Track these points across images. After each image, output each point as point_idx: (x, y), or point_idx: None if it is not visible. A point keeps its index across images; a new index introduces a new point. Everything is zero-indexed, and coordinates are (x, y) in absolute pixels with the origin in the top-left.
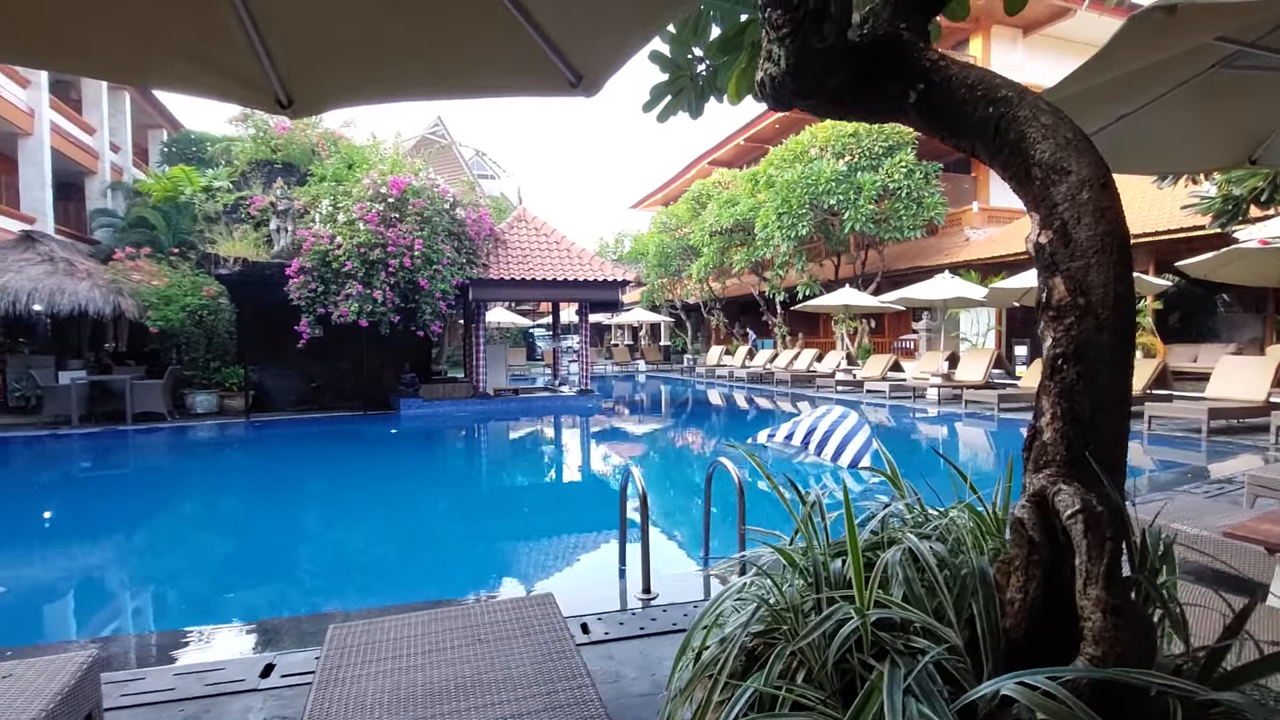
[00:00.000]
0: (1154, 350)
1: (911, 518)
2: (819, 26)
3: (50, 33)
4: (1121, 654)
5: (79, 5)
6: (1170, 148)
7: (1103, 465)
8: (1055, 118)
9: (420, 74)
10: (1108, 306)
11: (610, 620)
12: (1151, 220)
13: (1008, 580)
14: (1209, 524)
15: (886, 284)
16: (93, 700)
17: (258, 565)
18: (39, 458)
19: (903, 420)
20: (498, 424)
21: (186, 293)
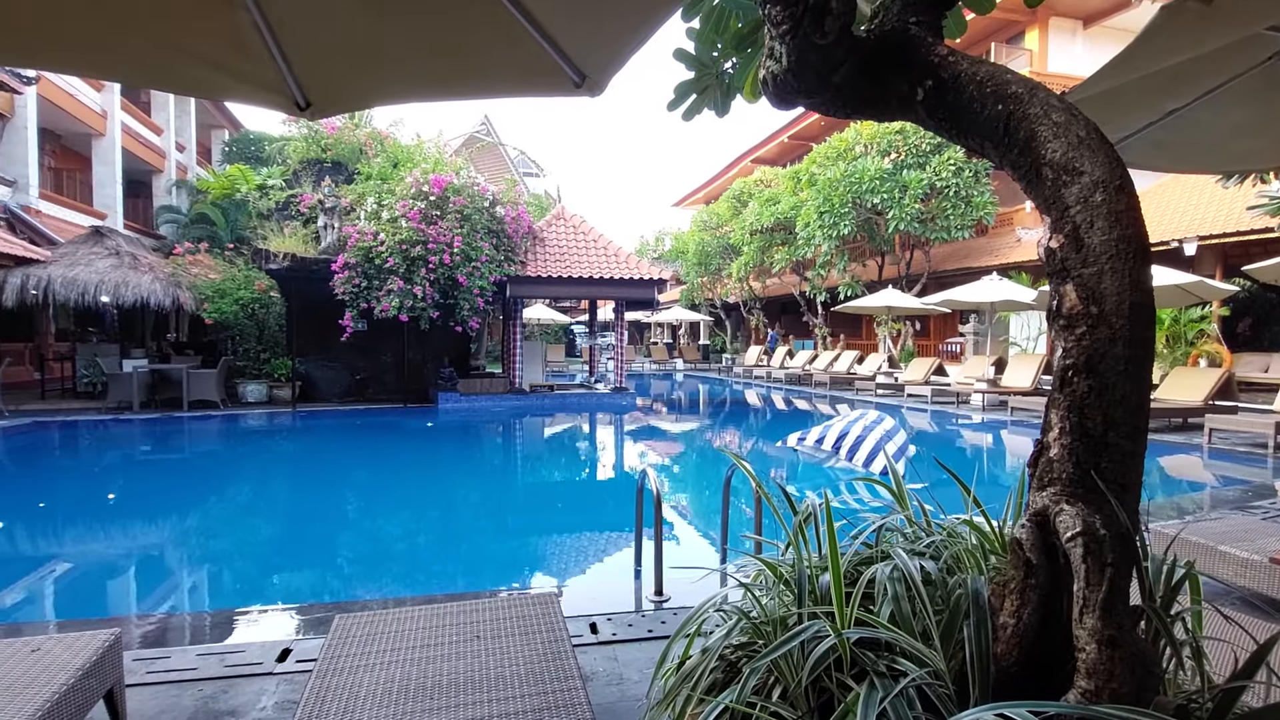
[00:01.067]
0: (1219, 359)
1: (911, 532)
2: (820, 22)
3: (78, 40)
4: (1116, 690)
5: (106, 14)
6: (1228, 144)
7: (1113, 485)
8: (1068, 115)
9: (429, 76)
10: (1122, 316)
11: (619, 621)
12: (1218, 221)
13: (1002, 603)
14: (1261, 547)
15: (933, 285)
16: (114, 676)
17: (291, 550)
18: (103, 440)
19: (944, 426)
20: (532, 420)
21: (240, 286)
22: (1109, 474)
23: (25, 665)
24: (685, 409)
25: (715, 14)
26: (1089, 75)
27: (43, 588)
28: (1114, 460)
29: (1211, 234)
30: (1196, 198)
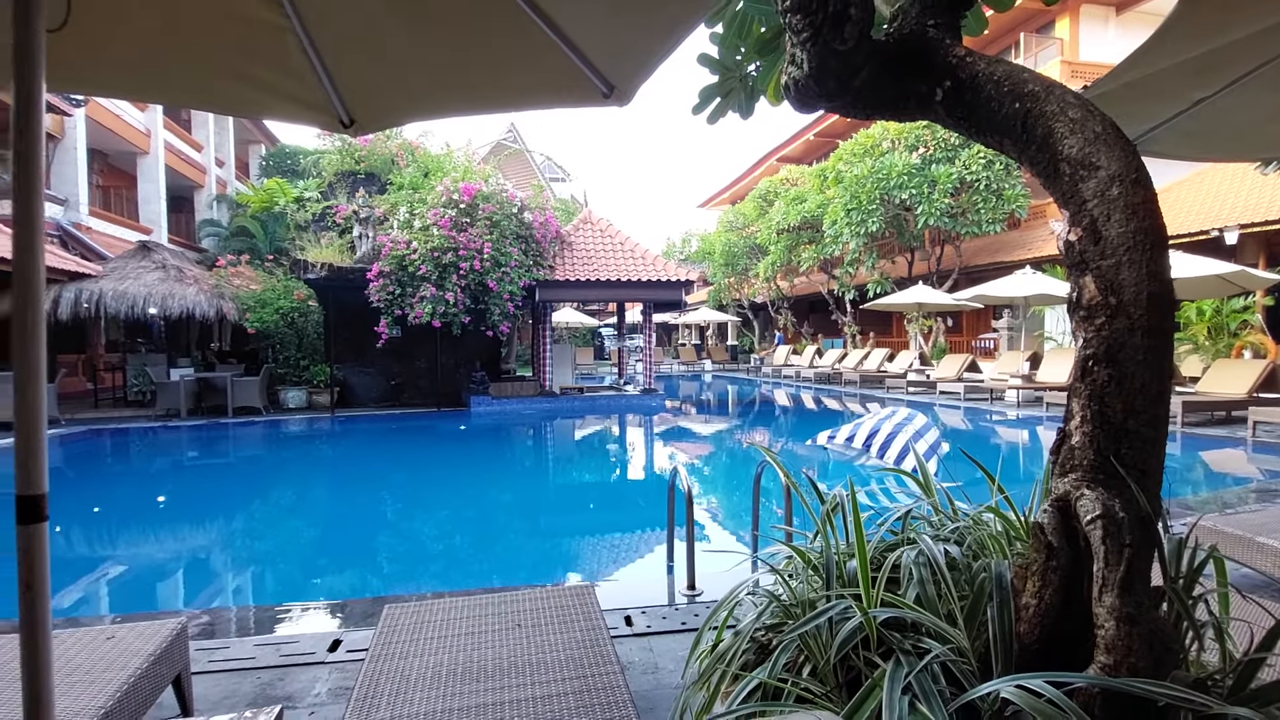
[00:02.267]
0: (1264, 350)
1: (937, 520)
2: (840, 29)
3: (142, 67)
4: (1134, 664)
5: (167, 43)
6: (1261, 131)
7: (1134, 471)
8: (1084, 111)
9: (465, 92)
10: (1140, 306)
11: (654, 614)
12: (1260, 208)
13: (1024, 585)
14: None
15: (964, 280)
16: (181, 663)
17: (335, 548)
18: (155, 446)
19: (978, 423)
20: (562, 422)
21: (280, 296)
22: (1129, 460)
23: (103, 651)
24: (714, 409)
25: (738, 19)
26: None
27: (109, 583)
28: (1134, 447)
29: (1254, 222)
30: (1238, 185)
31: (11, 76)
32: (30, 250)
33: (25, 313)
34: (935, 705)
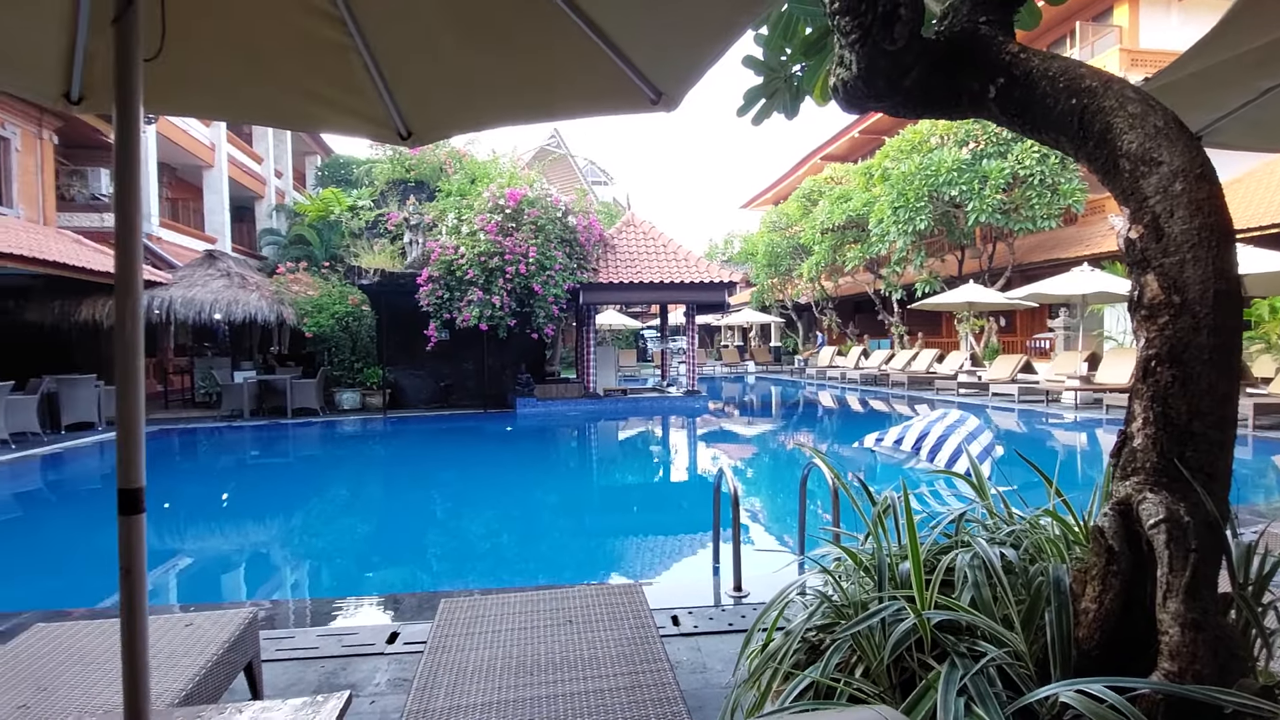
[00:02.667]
0: None
1: (991, 523)
2: (890, 29)
3: (215, 88)
4: (1199, 671)
5: (243, 66)
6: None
7: (1200, 474)
8: (1144, 105)
9: (517, 103)
10: (1206, 304)
11: (700, 614)
12: None
13: (1084, 589)
14: None
15: (1018, 278)
16: (253, 650)
17: (391, 544)
18: (222, 445)
19: (1034, 426)
20: (606, 423)
21: (335, 301)
22: (1194, 463)
23: (182, 637)
24: (758, 411)
25: (783, 20)
26: (1180, 54)
27: (181, 574)
28: (1199, 449)
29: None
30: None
31: (113, 101)
32: (130, 266)
33: (125, 324)
34: (992, 708)
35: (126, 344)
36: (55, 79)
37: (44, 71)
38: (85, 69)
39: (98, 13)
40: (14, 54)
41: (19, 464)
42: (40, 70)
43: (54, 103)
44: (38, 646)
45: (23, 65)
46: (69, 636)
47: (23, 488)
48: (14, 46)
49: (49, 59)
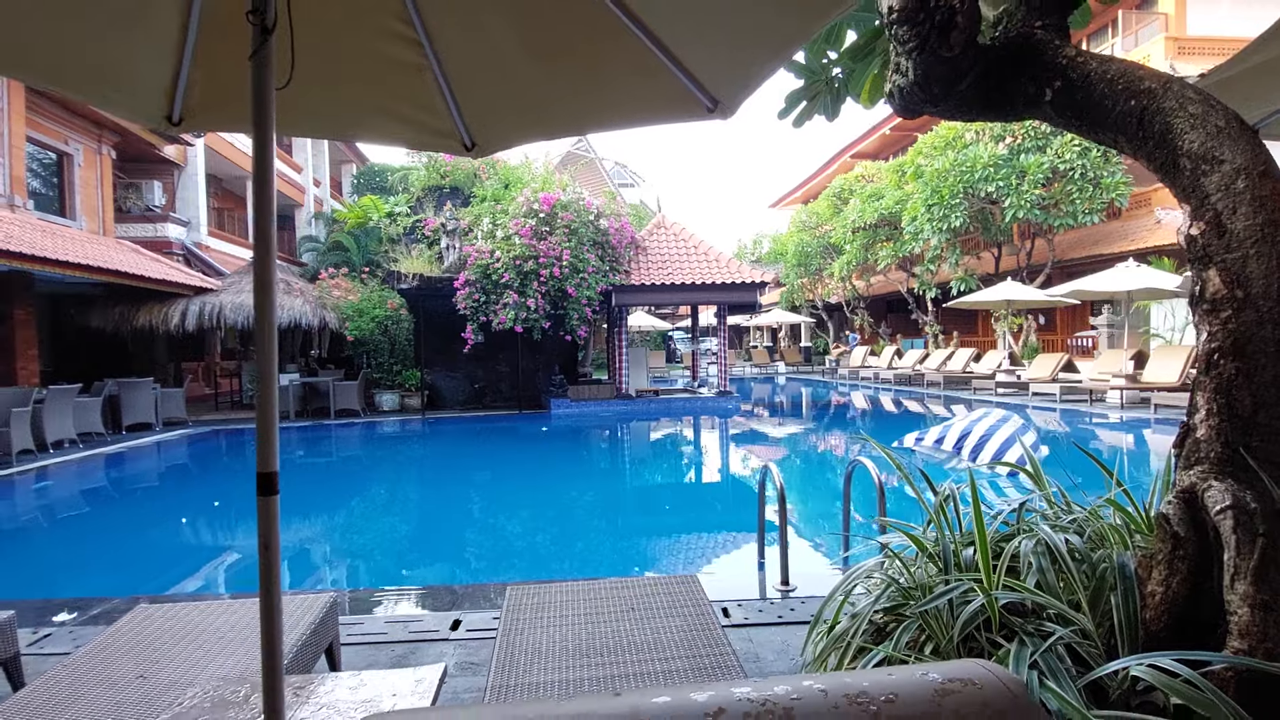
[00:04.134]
0: None
1: (1052, 512)
2: (947, 37)
3: (318, 111)
4: (1270, 649)
5: (340, 89)
6: None
7: (1267, 464)
8: (1205, 106)
9: (577, 113)
10: (1270, 298)
11: (750, 607)
12: None
13: (1149, 574)
14: None
15: (1058, 275)
16: (333, 634)
17: (447, 539)
18: None
19: (1077, 426)
20: (640, 423)
21: (375, 306)
22: (1260, 453)
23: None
24: (791, 412)
25: (829, 26)
26: (1228, 40)
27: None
28: (1265, 439)
29: None
30: None
31: (251, 124)
32: (266, 278)
33: (263, 330)
34: (1064, 681)
35: (264, 350)
36: (161, 103)
37: (153, 97)
38: (186, 94)
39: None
40: (130, 83)
41: (87, 462)
42: (151, 96)
43: (158, 125)
44: (145, 624)
45: (137, 92)
46: (171, 616)
47: (96, 483)
48: (130, 77)
49: (157, 86)
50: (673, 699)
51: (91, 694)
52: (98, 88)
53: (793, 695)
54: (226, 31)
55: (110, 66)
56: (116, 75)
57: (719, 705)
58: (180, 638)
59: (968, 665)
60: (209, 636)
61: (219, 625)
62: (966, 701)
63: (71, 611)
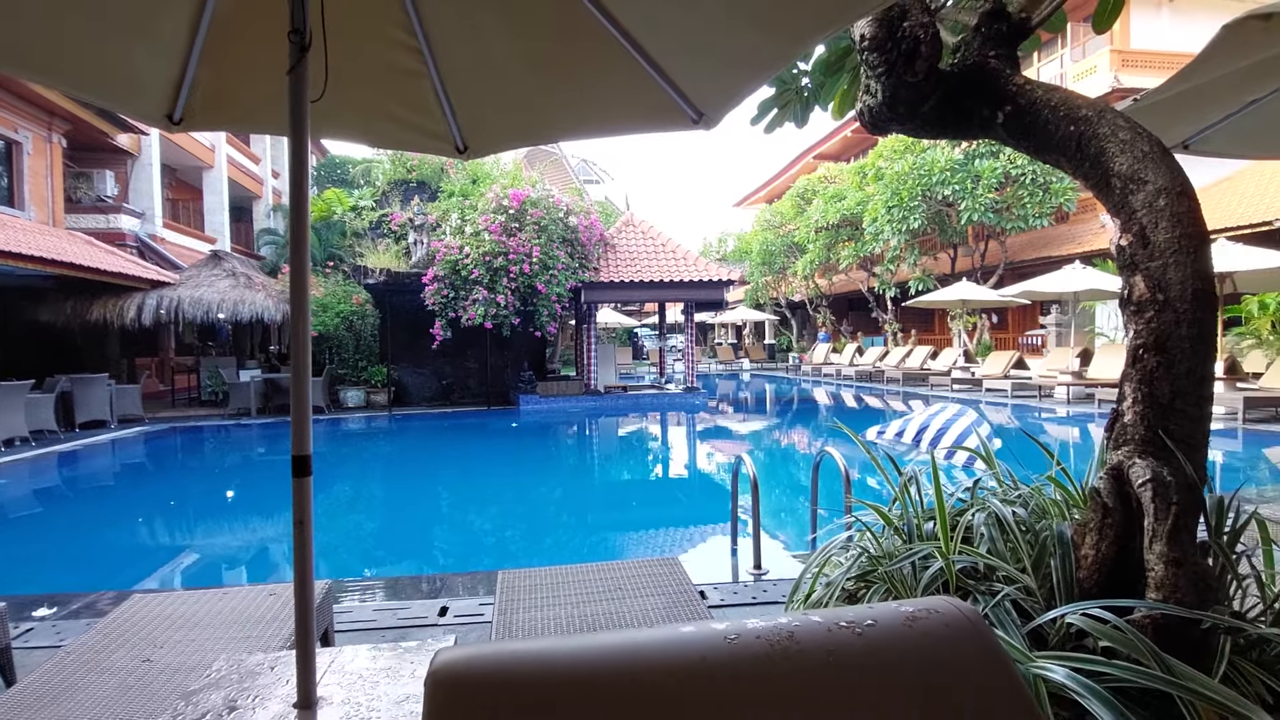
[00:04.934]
0: None
1: (1001, 490)
2: (912, 64)
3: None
4: (1180, 599)
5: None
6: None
7: (1182, 444)
8: (1133, 133)
9: (567, 120)
10: (1186, 301)
11: (725, 590)
12: None
13: (1083, 540)
14: None
15: (1010, 276)
16: (328, 620)
17: (418, 534)
18: (229, 443)
19: (1026, 420)
20: (608, 419)
21: (340, 301)
22: (1177, 434)
23: (269, 605)
24: (756, 407)
25: None
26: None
27: (247, 555)
28: (1180, 423)
29: None
30: None
31: (289, 129)
32: (301, 275)
33: (299, 325)
34: (1011, 629)
35: (299, 344)
36: (162, 103)
37: (156, 97)
38: (190, 95)
39: (209, 48)
40: (131, 82)
41: (39, 460)
42: (153, 96)
43: (157, 123)
44: (142, 613)
45: (139, 92)
46: (167, 604)
47: (52, 482)
48: (133, 76)
49: (161, 86)
50: (698, 629)
51: (94, 681)
52: (101, 87)
53: (794, 624)
54: (236, 34)
55: (116, 66)
56: (121, 75)
57: (736, 632)
58: (178, 625)
59: (933, 600)
60: (206, 623)
61: (213, 612)
62: (932, 625)
63: (51, 606)
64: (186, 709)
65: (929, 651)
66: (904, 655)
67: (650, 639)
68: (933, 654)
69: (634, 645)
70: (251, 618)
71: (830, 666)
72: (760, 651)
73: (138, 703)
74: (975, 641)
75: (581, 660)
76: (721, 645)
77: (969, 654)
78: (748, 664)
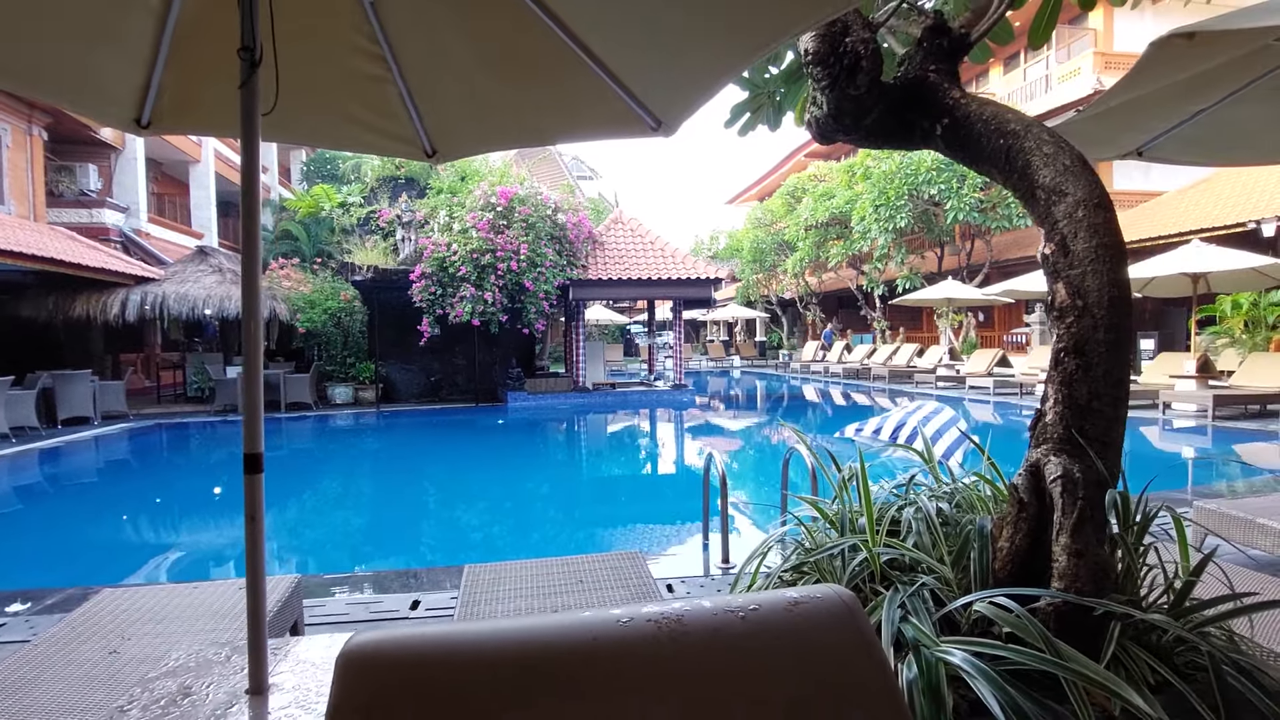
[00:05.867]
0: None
1: (937, 487)
2: (854, 78)
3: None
4: (1080, 588)
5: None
6: (1264, 137)
7: (1098, 443)
8: (1056, 147)
9: (531, 127)
10: (1102, 307)
11: (692, 583)
12: None
13: (1000, 533)
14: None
15: (995, 275)
16: (297, 613)
17: (405, 526)
18: (214, 440)
19: (1007, 417)
20: (596, 416)
21: (328, 297)
22: (1092, 434)
23: (238, 598)
24: (744, 404)
25: None
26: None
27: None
28: (1096, 423)
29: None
30: (1276, 177)
31: (240, 141)
32: (251, 274)
33: (250, 323)
34: (922, 617)
35: (251, 338)
36: (130, 107)
37: (123, 101)
38: (156, 99)
39: (174, 54)
40: (99, 87)
41: (20, 458)
42: (120, 100)
43: (125, 127)
44: (111, 607)
45: (106, 96)
46: (137, 599)
47: (34, 478)
48: (100, 81)
49: (128, 91)
50: (596, 614)
51: (61, 673)
52: (69, 92)
53: (685, 608)
54: (199, 41)
55: (83, 72)
56: (88, 80)
57: (630, 615)
58: (146, 619)
59: (819, 587)
60: (175, 616)
61: (183, 605)
62: (812, 610)
63: (25, 602)
64: (142, 695)
65: (805, 634)
66: (781, 637)
67: (550, 623)
68: (809, 636)
69: (532, 629)
70: (218, 611)
71: (713, 648)
72: (649, 633)
73: (102, 691)
74: (849, 625)
75: (483, 643)
76: (614, 627)
77: (841, 636)
78: (636, 644)
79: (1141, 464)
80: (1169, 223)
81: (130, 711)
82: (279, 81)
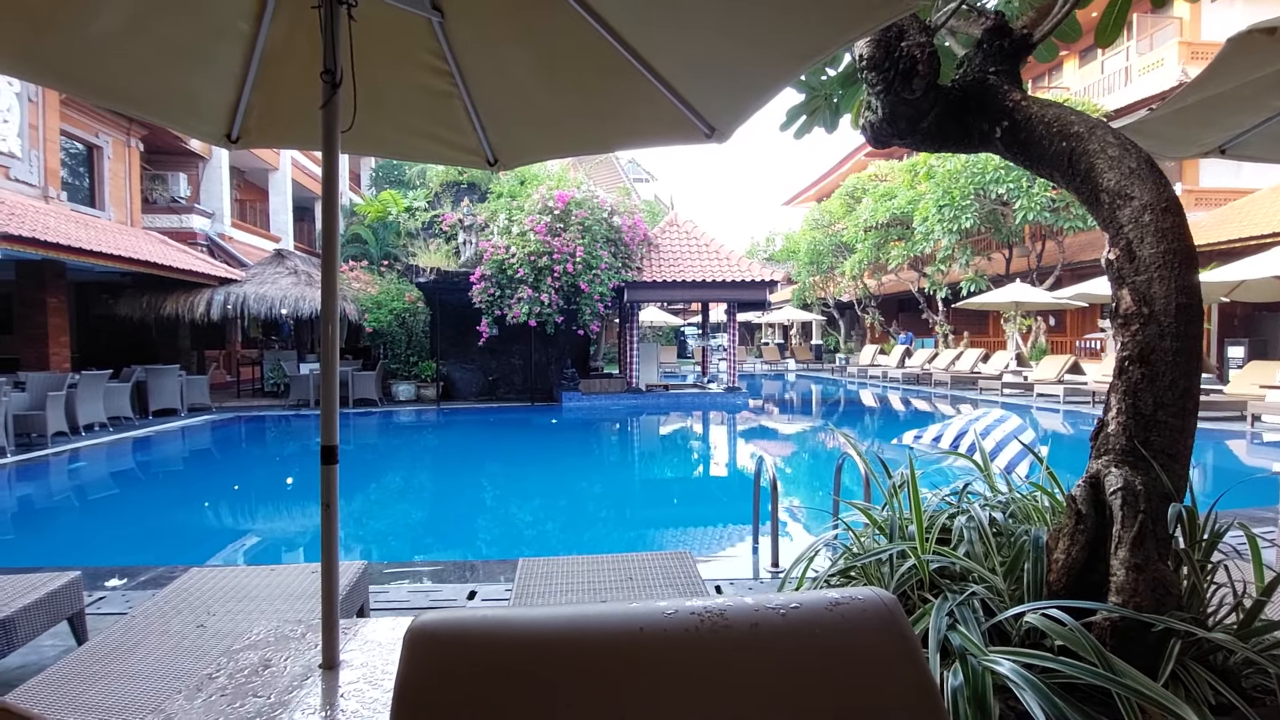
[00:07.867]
0: None
1: (991, 495)
2: (909, 82)
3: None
4: (1139, 603)
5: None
6: None
7: (1163, 456)
8: (1121, 149)
9: (588, 135)
10: (1170, 315)
11: (741, 585)
12: None
13: (1056, 545)
14: None
15: (1068, 277)
16: (364, 597)
17: (460, 522)
18: (289, 432)
19: (1078, 427)
20: (648, 417)
21: (393, 298)
22: (1157, 445)
23: (311, 581)
24: (798, 408)
25: None
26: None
27: (299, 536)
28: (1162, 435)
29: None
30: None
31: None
32: (330, 281)
33: (328, 327)
34: (970, 626)
35: (329, 341)
36: (222, 124)
37: (216, 119)
38: (245, 117)
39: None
40: (195, 107)
41: (117, 445)
42: (214, 118)
43: (217, 142)
44: (198, 585)
45: (201, 115)
46: (222, 578)
47: (128, 465)
48: (196, 101)
49: (220, 110)
50: (643, 605)
51: (154, 642)
52: (170, 112)
53: (728, 604)
54: (284, 63)
55: (182, 93)
56: (186, 101)
57: (675, 608)
58: (230, 597)
59: (861, 590)
60: (254, 595)
61: (262, 586)
62: (851, 610)
63: (122, 578)
64: (228, 664)
65: (845, 634)
66: (820, 634)
67: (599, 611)
68: (848, 636)
69: (583, 616)
70: (294, 592)
71: (752, 640)
72: (691, 625)
73: (190, 660)
74: (890, 628)
75: (537, 627)
76: (659, 618)
77: (882, 639)
78: (679, 634)
79: (1223, 479)
80: (1262, 222)
81: (217, 679)
82: (356, 99)
